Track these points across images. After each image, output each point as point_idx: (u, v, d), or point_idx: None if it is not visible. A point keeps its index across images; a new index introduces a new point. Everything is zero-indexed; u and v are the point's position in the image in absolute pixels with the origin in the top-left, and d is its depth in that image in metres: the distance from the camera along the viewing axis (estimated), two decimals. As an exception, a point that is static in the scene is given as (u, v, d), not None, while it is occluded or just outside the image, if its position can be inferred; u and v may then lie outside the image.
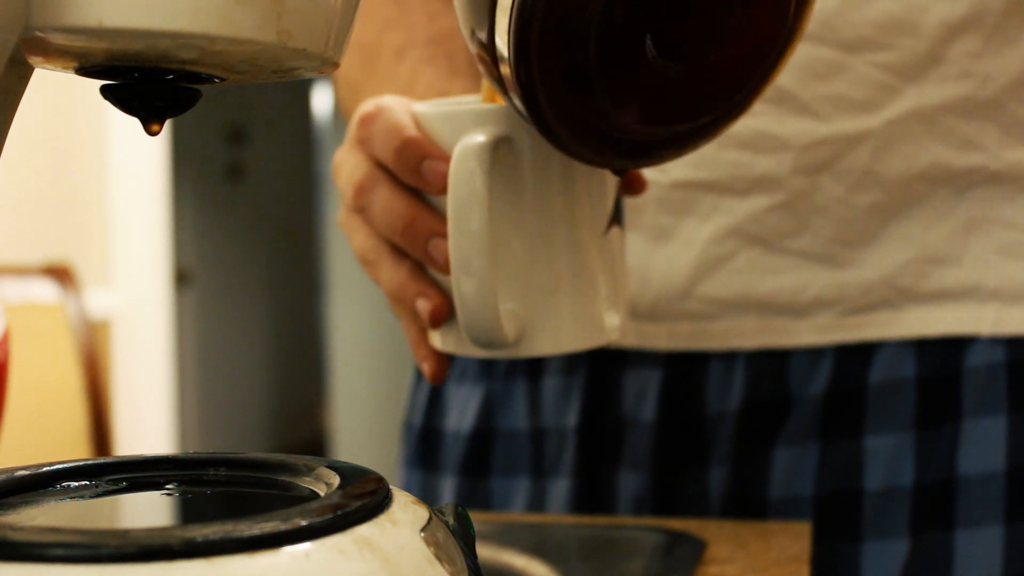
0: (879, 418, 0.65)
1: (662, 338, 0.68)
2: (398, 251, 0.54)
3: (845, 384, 0.66)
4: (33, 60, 0.36)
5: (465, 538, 0.38)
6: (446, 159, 0.50)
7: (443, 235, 0.51)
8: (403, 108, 0.53)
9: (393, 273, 0.54)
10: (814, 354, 0.66)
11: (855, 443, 0.66)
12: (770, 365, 0.67)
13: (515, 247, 0.52)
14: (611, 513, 0.70)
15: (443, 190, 0.50)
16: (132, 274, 2.81)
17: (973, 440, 0.64)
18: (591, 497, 0.71)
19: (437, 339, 0.55)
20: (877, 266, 0.65)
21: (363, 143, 0.54)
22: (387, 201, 0.53)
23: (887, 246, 0.65)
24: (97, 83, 0.37)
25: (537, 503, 0.73)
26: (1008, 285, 0.65)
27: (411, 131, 0.52)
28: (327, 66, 0.36)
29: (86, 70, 0.35)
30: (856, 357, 0.66)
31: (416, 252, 0.53)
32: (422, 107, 0.54)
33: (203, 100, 0.38)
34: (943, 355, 0.65)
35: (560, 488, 0.71)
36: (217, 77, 0.37)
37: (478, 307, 0.50)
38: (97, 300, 2.55)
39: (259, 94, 4.57)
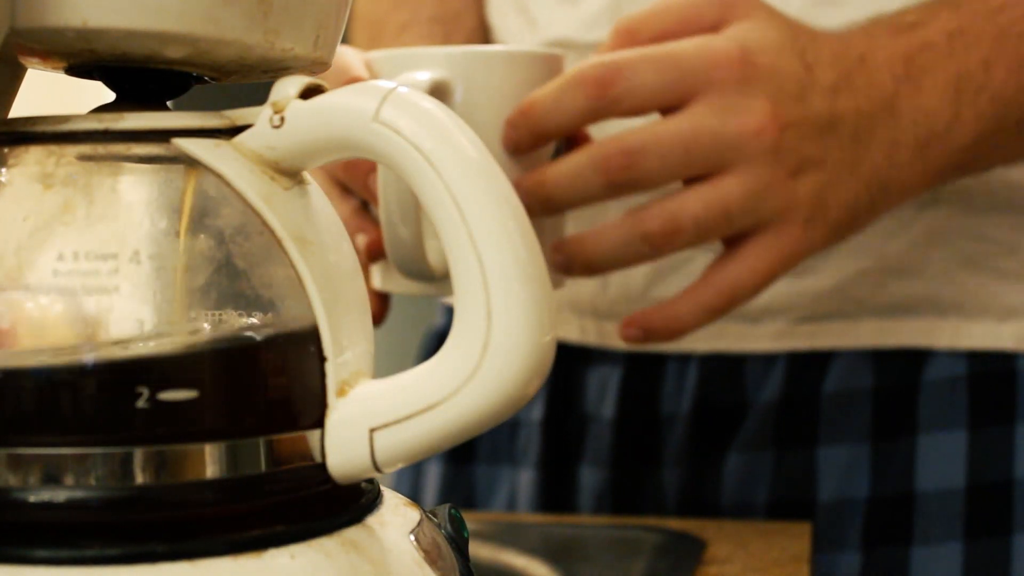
0: (834, 428, 0.65)
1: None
2: (346, 189, 0.57)
3: (799, 392, 0.65)
4: (25, 60, 0.36)
5: (457, 540, 0.37)
6: None
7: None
8: (355, 54, 0.55)
9: (338, 210, 0.57)
10: (768, 360, 0.66)
11: (809, 452, 0.65)
12: (723, 369, 0.67)
13: None
14: (573, 507, 0.71)
15: None
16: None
17: (931, 455, 0.63)
18: (555, 491, 0.71)
19: (376, 277, 0.57)
20: (831, 275, 0.64)
21: None
22: None
23: (843, 256, 0.63)
24: (94, 83, 0.37)
25: (515, 494, 0.73)
26: (969, 298, 0.64)
27: (356, 71, 0.53)
28: (316, 66, 0.36)
29: (75, 70, 0.35)
30: (811, 365, 0.65)
31: (357, 186, 0.55)
32: (375, 53, 0.56)
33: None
34: (901, 367, 0.64)
35: (526, 480, 0.72)
36: (208, 77, 0.37)
37: (405, 237, 0.52)
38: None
39: (258, 94, 4.57)
